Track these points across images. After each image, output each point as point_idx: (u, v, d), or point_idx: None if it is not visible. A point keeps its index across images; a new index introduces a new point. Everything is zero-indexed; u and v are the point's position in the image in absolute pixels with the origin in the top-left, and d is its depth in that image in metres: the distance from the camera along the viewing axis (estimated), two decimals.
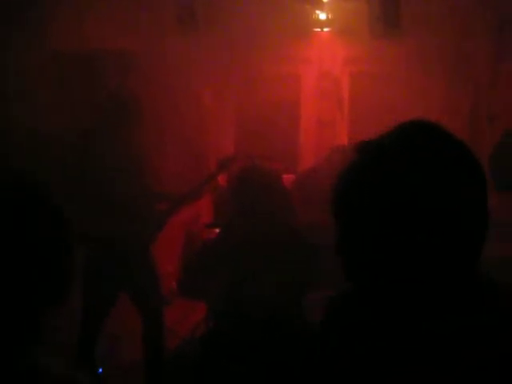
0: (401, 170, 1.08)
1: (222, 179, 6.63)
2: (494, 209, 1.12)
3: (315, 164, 5.74)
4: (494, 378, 1.03)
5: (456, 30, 5.17)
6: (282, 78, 6.56)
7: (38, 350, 1.20)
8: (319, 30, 6.24)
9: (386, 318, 1.15)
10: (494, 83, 3.97)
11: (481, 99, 4.54)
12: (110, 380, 4.16)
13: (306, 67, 6.58)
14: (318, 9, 6.15)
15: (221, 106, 6.56)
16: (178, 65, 5.55)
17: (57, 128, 4.37)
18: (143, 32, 5.36)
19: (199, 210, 5.93)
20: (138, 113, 3.96)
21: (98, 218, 3.73)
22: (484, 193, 1.10)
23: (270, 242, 3.14)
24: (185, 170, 5.83)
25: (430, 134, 1.13)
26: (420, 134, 1.13)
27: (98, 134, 3.89)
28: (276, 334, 3.06)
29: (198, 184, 4.32)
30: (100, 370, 4.02)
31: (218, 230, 5.14)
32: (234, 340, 3.09)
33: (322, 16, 6.19)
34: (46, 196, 1.25)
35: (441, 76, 5.69)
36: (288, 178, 4.93)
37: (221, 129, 6.68)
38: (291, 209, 3.48)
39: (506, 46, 3.89)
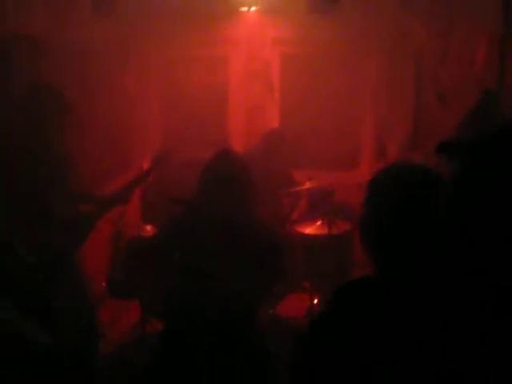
0: None
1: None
2: None
3: (248, 149, 5.51)
4: None
5: (396, 6, 4.99)
6: (208, 61, 6.27)
7: None
8: (246, 9, 5.95)
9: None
10: (443, 59, 3.79)
11: (426, 77, 4.37)
12: None
13: (233, 49, 6.29)
14: None
15: (145, 93, 6.20)
16: (96, 51, 5.15)
17: None
18: (56, 16, 4.93)
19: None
20: (59, 108, 3.58)
21: (15, 224, 3.34)
22: None
23: (232, 236, 2.84)
24: (106, 162, 5.48)
25: None
26: None
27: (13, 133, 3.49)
28: (231, 338, 2.81)
29: (128, 183, 3.99)
30: None
31: (149, 227, 4.88)
32: (188, 343, 2.82)
33: None
34: None
35: (380, 55, 5.53)
36: None
37: (146, 117, 6.32)
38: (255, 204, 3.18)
39: (455, 20, 3.71)
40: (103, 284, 5.39)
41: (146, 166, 6.05)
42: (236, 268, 2.79)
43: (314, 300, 4.85)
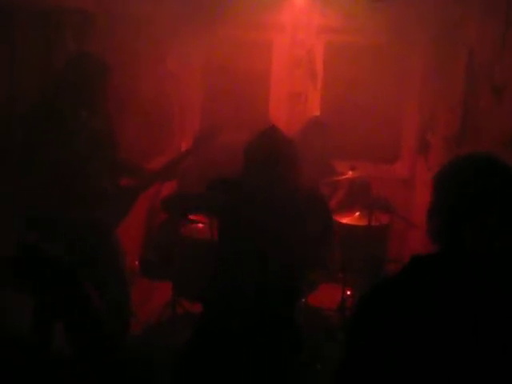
0: None
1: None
2: None
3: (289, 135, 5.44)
4: None
5: None
6: (252, 45, 6.20)
7: None
8: None
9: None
10: (500, 51, 3.66)
11: (479, 70, 4.24)
12: None
13: (278, 34, 6.21)
14: None
15: (186, 72, 6.16)
16: (141, 28, 5.12)
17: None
18: None
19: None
20: (108, 82, 3.54)
21: (56, 198, 3.32)
22: None
23: (274, 216, 2.78)
24: (145, 141, 5.46)
25: None
26: None
27: (57, 105, 3.45)
28: (272, 327, 2.76)
29: (170, 161, 3.95)
30: None
31: None
32: (226, 330, 2.78)
33: None
34: None
35: (429, 47, 5.40)
36: None
37: (187, 97, 6.28)
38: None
39: None
40: (136, 263, 5.39)
41: (184, 147, 6.04)
42: (277, 251, 2.74)
43: (346, 292, 4.79)
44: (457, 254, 1.59)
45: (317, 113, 6.11)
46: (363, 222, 4.72)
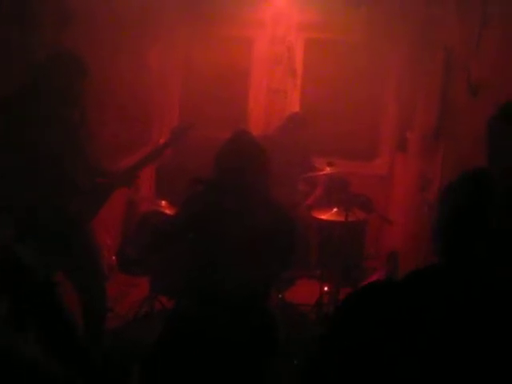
0: None
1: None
2: None
3: (269, 131, 5.48)
4: None
5: None
6: (232, 41, 6.20)
7: None
8: None
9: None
10: (476, 49, 3.69)
11: (456, 67, 4.28)
12: None
13: (258, 31, 6.23)
14: None
15: (167, 68, 6.14)
16: (121, 23, 5.09)
17: None
18: None
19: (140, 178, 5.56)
20: (87, 83, 3.52)
21: (33, 190, 3.30)
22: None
23: (249, 218, 2.79)
24: (124, 136, 5.43)
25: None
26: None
27: (31, 98, 3.41)
28: (247, 323, 2.78)
29: (146, 155, 3.93)
30: None
31: (164, 203, 4.84)
32: (198, 328, 2.78)
33: None
34: None
35: (407, 44, 5.44)
36: None
37: (166, 92, 6.27)
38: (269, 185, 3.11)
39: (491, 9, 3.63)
40: (113, 258, 5.36)
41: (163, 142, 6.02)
42: (247, 251, 2.75)
43: (323, 288, 4.82)
44: (465, 267, 1.56)
45: (296, 109, 6.12)
46: (340, 218, 4.74)
